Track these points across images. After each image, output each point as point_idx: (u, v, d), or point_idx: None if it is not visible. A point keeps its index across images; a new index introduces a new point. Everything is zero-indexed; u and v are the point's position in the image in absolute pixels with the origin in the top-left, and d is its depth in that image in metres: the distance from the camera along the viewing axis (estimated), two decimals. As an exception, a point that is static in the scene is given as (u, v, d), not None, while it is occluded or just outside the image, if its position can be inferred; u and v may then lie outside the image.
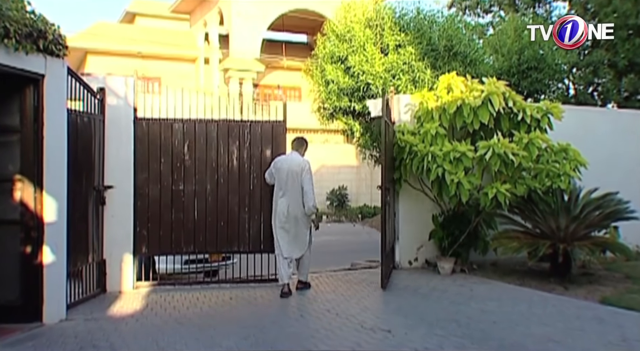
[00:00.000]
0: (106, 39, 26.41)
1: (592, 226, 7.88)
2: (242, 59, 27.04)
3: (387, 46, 10.17)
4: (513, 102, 8.14)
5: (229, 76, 27.35)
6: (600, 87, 14.83)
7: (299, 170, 6.94)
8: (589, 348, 4.89)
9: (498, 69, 11.48)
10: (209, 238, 7.35)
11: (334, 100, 10.56)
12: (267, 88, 30.85)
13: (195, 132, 7.55)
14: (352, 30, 10.31)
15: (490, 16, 16.66)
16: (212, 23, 28.18)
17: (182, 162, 7.36)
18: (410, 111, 8.70)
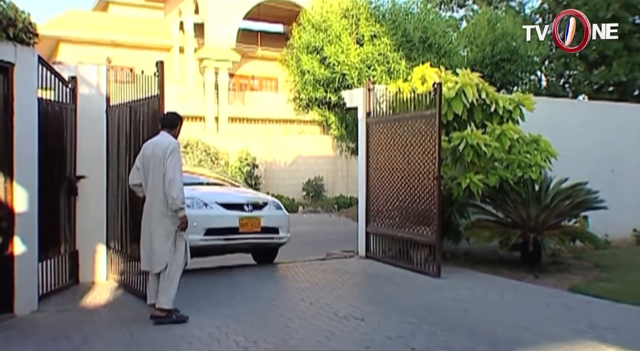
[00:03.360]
0: (79, 27, 25.97)
1: (562, 216, 8.05)
2: (218, 48, 26.83)
3: (363, 37, 10.21)
4: (486, 93, 8.25)
5: (204, 65, 27.13)
6: (571, 79, 15.09)
7: (162, 154, 5.26)
8: (557, 335, 5.00)
9: (472, 60, 11.61)
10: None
11: (309, 90, 10.58)
12: (243, 78, 30.71)
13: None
14: (328, 20, 10.31)
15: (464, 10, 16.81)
16: (187, 12, 27.89)
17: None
18: (386, 102, 8.74)
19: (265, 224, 7.79)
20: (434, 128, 7.31)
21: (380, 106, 8.72)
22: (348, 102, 9.45)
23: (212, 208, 7.56)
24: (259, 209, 7.94)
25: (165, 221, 5.19)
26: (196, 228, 6.97)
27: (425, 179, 7.53)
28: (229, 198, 8.07)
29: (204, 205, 7.54)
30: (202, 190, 8.17)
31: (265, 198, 8.44)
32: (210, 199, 7.69)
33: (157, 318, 5.14)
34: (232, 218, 7.58)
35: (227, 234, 7.49)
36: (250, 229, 7.66)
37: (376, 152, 8.64)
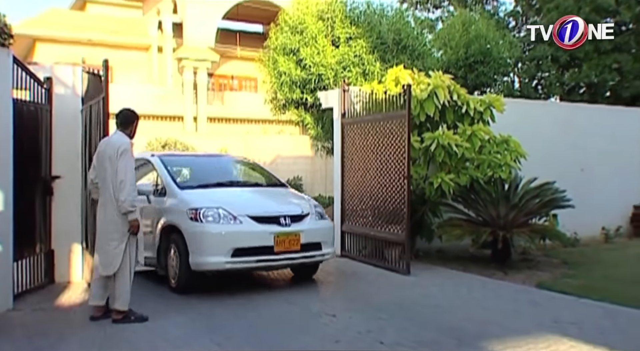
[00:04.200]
0: (56, 26, 25.75)
1: (530, 214, 8.27)
2: (196, 48, 26.81)
3: (339, 39, 10.36)
4: (457, 95, 8.44)
5: (182, 65, 27.09)
6: (543, 81, 15.41)
7: (113, 155, 5.14)
8: (522, 329, 5.19)
9: (446, 62, 11.83)
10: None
11: (286, 92, 10.69)
12: (222, 78, 30.69)
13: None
14: (304, 22, 10.43)
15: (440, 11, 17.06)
16: (166, 11, 27.81)
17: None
18: (361, 102, 8.89)
19: (306, 241, 6.46)
20: (405, 129, 7.47)
21: (355, 107, 8.88)
22: (324, 103, 9.59)
23: (241, 223, 6.22)
24: (298, 222, 6.54)
25: (118, 222, 5.13)
26: (221, 247, 6.04)
27: (396, 179, 7.69)
28: (263, 207, 6.61)
29: (232, 219, 6.23)
30: (231, 196, 6.79)
31: (307, 206, 6.94)
32: (240, 209, 6.33)
33: (114, 320, 5.17)
34: (265, 234, 6.22)
35: (259, 255, 6.18)
36: (287, 247, 6.31)
37: (351, 152, 8.79)
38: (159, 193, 6.84)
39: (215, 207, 6.25)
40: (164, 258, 6.55)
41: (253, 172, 8.30)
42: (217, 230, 6.11)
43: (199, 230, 6.11)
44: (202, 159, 8.65)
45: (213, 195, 6.65)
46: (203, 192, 6.74)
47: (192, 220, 6.18)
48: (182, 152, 9.53)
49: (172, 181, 6.88)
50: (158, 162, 7.26)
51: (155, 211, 6.75)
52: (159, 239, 6.59)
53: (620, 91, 14.70)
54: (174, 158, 7.99)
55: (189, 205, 6.33)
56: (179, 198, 6.59)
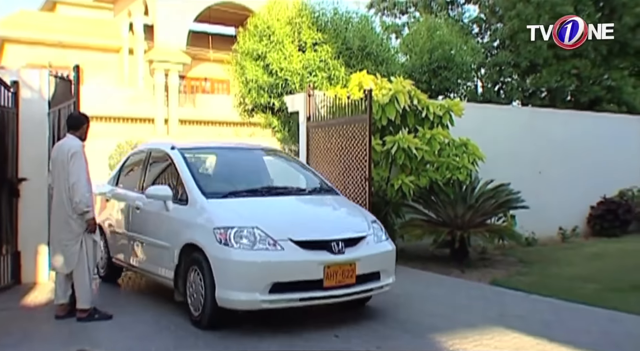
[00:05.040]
0: (25, 27, 25.55)
1: (486, 214, 8.62)
2: (168, 50, 26.83)
3: (305, 44, 10.61)
4: (418, 100, 8.75)
5: (154, 67, 27.08)
6: (505, 86, 15.88)
7: (64, 158, 5.26)
8: (470, 322, 5.50)
9: (410, 67, 12.17)
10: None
11: (254, 96, 10.89)
12: (194, 80, 30.72)
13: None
14: (272, 27, 10.66)
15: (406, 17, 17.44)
16: (137, 13, 27.77)
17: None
18: (325, 107, 9.15)
19: (363, 271, 5.13)
20: (366, 132, 7.74)
21: (320, 111, 9.12)
22: (290, 107, 9.82)
23: (283, 249, 4.86)
24: (353, 246, 5.15)
25: (71, 223, 5.25)
26: (257, 281, 4.75)
27: (358, 181, 7.95)
28: (311, 228, 5.20)
29: (271, 243, 4.88)
30: (269, 210, 5.47)
31: (364, 224, 5.54)
32: (281, 231, 4.97)
33: (79, 318, 5.30)
34: (313, 265, 4.87)
35: (303, 291, 4.87)
36: (339, 281, 4.97)
37: (316, 155, 9.04)
38: (178, 199, 5.54)
39: (251, 227, 4.91)
40: (182, 282, 5.29)
41: (292, 170, 6.75)
42: (252, 258, 4.79)
43: (229, 257, 4.80)
44: (229, 154, 6.84)
45: (247, 208, 5.36)
46: (234, 203, 5.40)
47: (221, 243, 4.86)
48: (205, 143, 7.93)
49: (196, 185, 5.48)
50: (179, 158, 5.85)
51: (174, 222, 5.51)
52: (178, 258, 5.32)
53: (579, 96, 15.23)
54: (198, 153, 6.60)
55: (216, 222, 5.01)
56: (204, 210, 5.26)
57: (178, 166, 5.77)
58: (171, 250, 5.41)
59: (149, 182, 6.25)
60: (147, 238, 5.97)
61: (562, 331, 5.20)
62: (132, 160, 7.11)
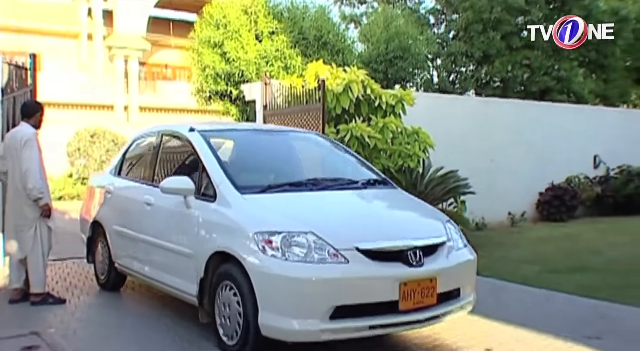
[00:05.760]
0: (-22, 11, 24.88)
1: (436, 200, 8.93)
2: (127, 36, 26.47)
3: (262, 33, 10.74)
4: (371, 89, 8.98)
5: (113, 53, 26.73)
6: (459, 76, 16.29)
7: (17, 146, 5.26)
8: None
9: (367, 57, 12.42)
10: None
11: (210, 84, 10.99)
12: (155, 67, 30.40)
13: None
14: (228, 16, 10.75)
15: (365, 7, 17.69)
16: (96, -2, 27.29)
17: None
18: (282, 96, 9.33)
19: (444, 288, 3.99)
20: (320, 121, 7.95)
21: (276, 100, 9.30)
22: (247, 95, 9.97)
23: (347, 261, 3.71)
24: (431, 256, 3.98)
25: (25, 210, 5.33)
26: (315, 304, 3.62)
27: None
28: (380, 233, 4.00)
29: (332, 253, 3.72)
30: (323, 208, 4.37)
31: (439, 225, 4.37)
32: (343, 236, 3.83)
33: (32, 302, 5.38)
34: (387, 282, 3.74)
35: (375, 316, 3.73)
36: (418, 302, 3.83)
37: (272, 143, 9.20)
38: (202, 194, 4.42)
39: (304, 231, 3.76)
40: (210, 299, 4.17)
41: (335, 157, 5.50)
42: (309, 274, 3.62)
43: (277, 272, 3.65)
44: (260, 138, 5.60)
45: (294, 206, 4.24)
46: (277, 200, 4.28)
47: (265, 252, 3.72)
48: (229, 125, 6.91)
49: (227, 177, 4.32)
50: (201, 143, 4.70)
51: (198, 224, 4.34)
52: (204, 270, 4.18)
53: (530, 86, 15.76)
54: (223, 136, 5.37)
55: (257, 225, 3.87)
56: (239, 208, 4.13)
57: (201, 153, 4.59)
58: (194, 259, 4.26)
59: (162, 172, 5.19)
60: (161, 242, 4.76)
61: (498, 309, 5.45)
62: (138, 146, 6.01)
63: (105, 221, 5.87)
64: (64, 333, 4.55)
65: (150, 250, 5.01)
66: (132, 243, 5.30)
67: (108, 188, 5.97)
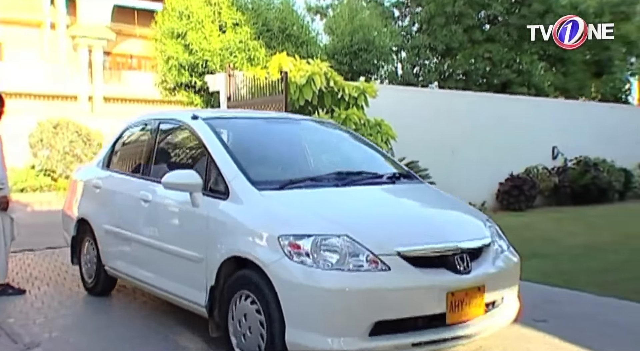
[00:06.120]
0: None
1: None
2: (91, 25, 26.07)
3: (225, 24, 10.75)
4: (334, 81, 9.11)
5: (77, 43, 26.29)
6: (423, 68, 16.56)
7: None
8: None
9: (332, 49, 12.53)
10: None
11: (174, 75, 10.97)
12: (120, 57, 29.98)
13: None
14: (191, 7, 10.73)
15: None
16: (58, -15, 26.77)
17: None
18: (246, 87, 9.40)
19: (491, 298, 3.50)
20: (282, 112, 8.06)
21: (240, 91, 9.37)
22: (211, 86, 10.00)
23: (388, 268, 3.16)
24: (476, 260, 3.45)
25: None
26: (353, 319, 3.09)
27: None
28: (420, 235, 3.43)
29: (371, 260, 3.16)
30: (355, 206, 3.77)
31: (480, 224, 3.80)
32: (382, 240, 3.26)
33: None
34: (433, 292, 3.23)
35: (419, 331, 3.24)
36: (466, 315, 3.32)
37: (236, 134, 9.26)
38: (211, 190, 3.84)
39: (337, 234, 3.21)
40: (222, 311, 3.62)
41: (355, 150, 4.89)
42: (346, 284, 3.08)
43: (308, 282, 3.10)
44: (270, 127, 4.96)
45: (322, 205, 3.65)
46: (300, 196, 3.71)
47: (292, 259, 3.17)
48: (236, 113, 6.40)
49: (240, 170, 3.76)
50: (208, 132, 4.13)
51: (208, 224, 3.76)
52: (215, 277, 3.63)
53: (492, 79, 16.10)
54: (231, 124, 4.69)
55: (282, 227, 3.33)
56: (258, 207, 3.58)
57: (208, 143, 4.03)
58: (203, 264, 3.72)
59: (160, 165, 4.61)
60: (161, 244, 4.20)
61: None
62: (131, 135, 5.39)
63: (93, 219, 5.22)
64: (23, 323, 4.57)
65: (148, 253, 4.42)
66: (126, 244, 4.70)
67: (96, 182, 5.33)
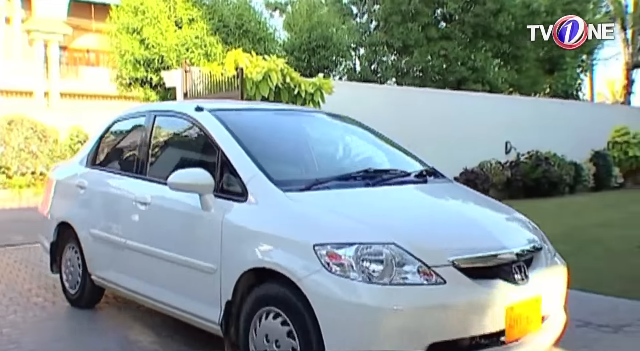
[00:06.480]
0: None
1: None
2: (47, 19, 25.57)
3: (181, 20, 10.74)
4: (290, 78, 9.22)
5: (32, 37, 25.76)
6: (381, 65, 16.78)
7: None
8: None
9: (290, 46, 12.62)
10: None
11: (130, 70, 10.91)
12: (77, 52, 29.45)
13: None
14: (146, 2, 10.68)
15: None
16: (12, -21, 26.15)
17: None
18: (202, 83, 9.42)
19: (546, 310, 3.09)
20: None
21: (197, 87, 9.39)
22: (167, 82, 9.99)
23: (444, 281, 2.71)
24: (531, 268, 3.07)
25: None
26: (406, 341, 2.67)
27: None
28: (473, 239, 3.02)
29: (423, 272, 2.72)
30: (394, 211, 3.28)
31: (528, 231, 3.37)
32: (434, 249, 2.83)
33: None
34: (491, 309, 2.81)
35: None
36: (523, 331, 2.93)
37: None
38: (224, 191, 3.37)
39: (383, 242, 2.75)
40: (242, 329, 3.15)
41: (375, 145, 4.45)
42: (396, 302, 2.65)
43: (351, 299, 2.66)
44: (283, 120, 4.42)
45: (358, 208, 3.17)
46: (331, 199, 3.22)
47: (331, 271, 2.71)
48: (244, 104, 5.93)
49: (259, 168, 3.28)
50: (216, 126, 3.64)
51: (222, 230, 3.26)
52: (233, 292, 3.17)
53: (447, 76, 16.43)
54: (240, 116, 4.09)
55: (318, 234, 2.86)
56: (285, 211, 3.11)
57: (218, 138, 3.54)
58: (216, 276, 3.27)
59: (160, 163, 4.14)
60: (163, 252, 3.69)
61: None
62: (121, 129, 4.84)
63: (77, 223, 4.66)
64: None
65: (146, 262, 3.91)
66: (118, 251, 4.17)
67: (80, 182, 4.72)
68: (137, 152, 4.27)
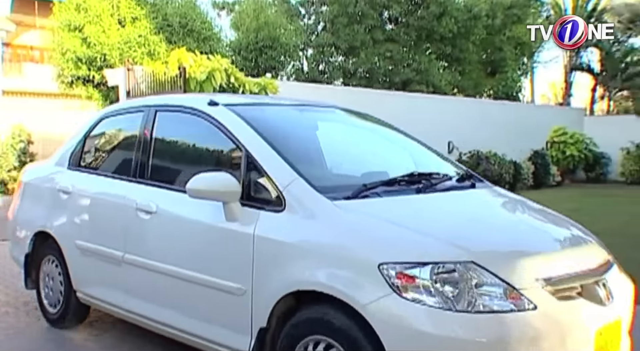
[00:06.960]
0: None
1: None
2: (-13, 15, 24.71)
3: (125, 18, 10.65)
4: (235, 77, 9.29)
5: (-29, 33, 24.83)
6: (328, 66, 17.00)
7: None
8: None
9: (238, 45, 12.66)
10: None
11: (71, 68, 10.75)
12: (21, 48, 28.55)
13: None
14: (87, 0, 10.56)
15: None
16: (-52, -28, 25.16)
17: None
18: (145, 82, 9.38)
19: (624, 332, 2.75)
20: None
21: (140, 86, 9.34)
22: (110, 81, 9.91)
23: (534, 306, 2.28)
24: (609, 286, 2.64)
25: None
26: None
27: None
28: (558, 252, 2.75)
29: (511, 295, 2.29)
30: (460, 220, 2.83)
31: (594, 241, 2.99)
32: (519, 267, 2.39)
33: None
34: (582, 334, 2.40)
35: None
36: None
37: (135, 129, 9.23)
38: (252, 198, 2.88)
39: (460, 261, 2.34)
40: None
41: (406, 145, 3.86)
42: (485, 332, 2.23)
43: (431, 330, 2.25)
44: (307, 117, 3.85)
45: (420, 218, 2.75)
46: (387, 207, 2.77)
47: (400, 295, 2.30)
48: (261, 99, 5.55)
49: (297, 173, 2.80)
50: (238, 123, 3.14)
51: (254, 245, 2.77)
52: (269, 317, 2.71)
53: (393, 77, 16.77)
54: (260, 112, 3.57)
55: (381, 251, 2.42)
56: (337, 223, 2.62)
57: (242, 138, 3.04)
58: (246, 298, 2.78)
59: (166, 166, 3.66)
60: (176, 269, 3.14)
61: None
62: (111, 127, 4.19)
63: (60, 233, 4.05)
64: None
65: (151, 279, 3.36)
66: (114, 266, 3.59)
67: (63, 186, 4.10)
68: (136, 153, 3.65)
